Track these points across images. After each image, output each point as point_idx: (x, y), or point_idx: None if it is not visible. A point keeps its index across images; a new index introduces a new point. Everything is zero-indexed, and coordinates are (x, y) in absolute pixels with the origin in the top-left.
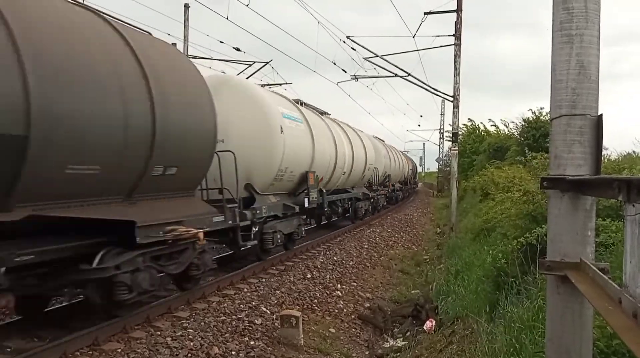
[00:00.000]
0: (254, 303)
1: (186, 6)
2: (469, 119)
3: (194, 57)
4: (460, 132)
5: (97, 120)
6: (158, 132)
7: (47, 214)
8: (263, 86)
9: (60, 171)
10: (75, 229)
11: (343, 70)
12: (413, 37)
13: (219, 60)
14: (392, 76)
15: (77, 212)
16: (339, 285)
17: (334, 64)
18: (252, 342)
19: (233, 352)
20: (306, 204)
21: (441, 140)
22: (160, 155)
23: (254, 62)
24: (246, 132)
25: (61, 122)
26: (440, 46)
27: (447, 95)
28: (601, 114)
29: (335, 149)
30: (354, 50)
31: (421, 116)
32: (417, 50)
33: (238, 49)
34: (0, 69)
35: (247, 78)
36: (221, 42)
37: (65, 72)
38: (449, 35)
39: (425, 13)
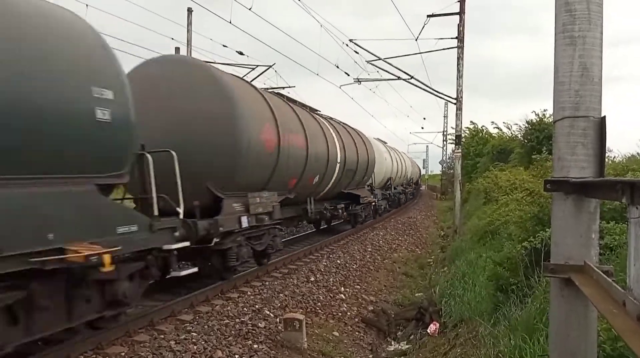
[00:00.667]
0: (257, 306)
1: (189, 10)
2: (471, 121)
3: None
4: (463, 135)
5: None
6: None
7: None
8: (266, 89)
9: None
10: None
11: (346, 73)
12: (416, 40)
13: (222, 64)
14: (395, 79)
15: None
16: (342, 288)
17: (337, 67)
18: (255, 346)
19: (236, 356)
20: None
21: (444, 142)
22: None
23: (257, 65)
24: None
25: None
26: (443, 49)
27: (450, 97)
28: (604, 116)
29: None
30: (357, 53)
31: (424, 118)
32: (420, 53)
33: (241, 53)
34: None
35: (250, 81)
36: (224, 46)
37: None
38: (451, 38)
39: (428, 16)
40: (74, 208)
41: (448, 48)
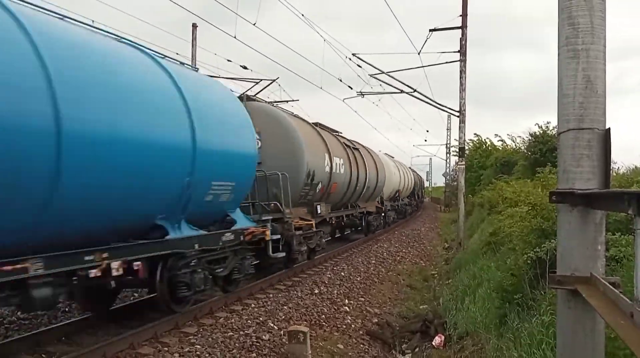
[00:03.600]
0: (261, 318)
1: (194, 25)
2: (475, 134)
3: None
4: (467, 147)
5: None
6: None
7: None
8: (270, 103)
9: None
10: None
11: (349, 86)
12: (418, 53)
13: (227, 78)
14: (398, 92)
15: None
16: (346, 301)
17: (340, 80)
18: None
19: None
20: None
21: (448, 155)
22: None
23: (261, 79)
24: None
25: None
26: (446, 62)
27: (453, 110)
28: (609, 128)
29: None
30: (360, 67)
31: (427, 131)
32: (423, 66)
33: (245, 67)
34: None
35: (254, 95)
36: (229, 60)
37: None
38: (454, 52)
39: (431, 30)
40: None
41: (451, 62)
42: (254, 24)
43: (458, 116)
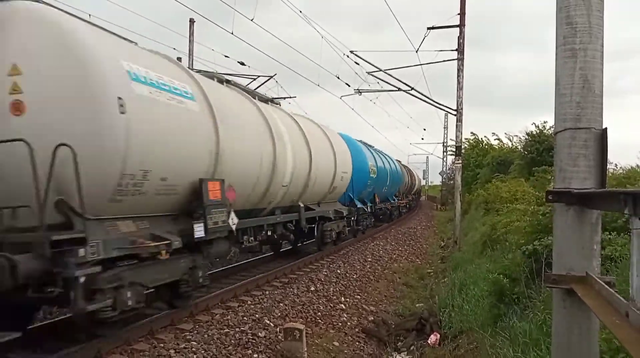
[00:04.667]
0: (257, 315)
1: (191, 21)
2: (472, 133)
3: (199, 71)
4: (463, 146)
5: None
6: None
7: None
8: (272, 99)
9: None
10: None
11: (347, 84)
12: (416, 51)
13: (224, 74)
14: (396, 90)
15: None
16: (342, 298)
17: (338, 78)
18: (255, 355)
19: None
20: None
21: (444, 153)
22: None
23: (258, 76)
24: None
25: None
26: (444, 61)
27: (451, 109)
28: (606, 128)
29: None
30: (358, 64)
31: (424, 129)
32: (421, 64)
33: (242, 63)
34: None
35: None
36: (226, 56)
37: None
38: (451, 50)
39: (429, 28)
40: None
41: (448, 60)
42: (251, 20)
43: (455, 115)
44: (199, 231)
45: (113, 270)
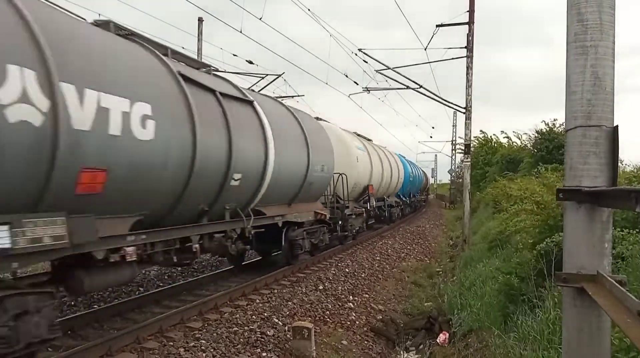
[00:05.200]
0: (266, 314)
1: (200, 20)
2: (481, 131)
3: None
4: (472, 144)
5: None
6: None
7: None
8: (278, 98)
9: None
10: None
11: (355, 82)
12: (425, 49)
13: (232, 73)
14: (404, 88)
15: None
16: (351, 297)
17: (346, 76)
18: (264, 354)
19: None
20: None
21: (453, 152)
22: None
23: (267, 74)
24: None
25: None
26: (452, 58)
27: (459, 107)
28: (617, 126)
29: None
30: (366, 62)
31: (433, 127)
32: (429, 62)
33: (251, 62)
34: None
35: (259, 91)
36: (234, 55)
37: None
38: (460, 48)
39: (437, 25)
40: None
41: (457, 57)
42: (260, 19)
43: (464, 113)
44: (368, 205)
45: None
